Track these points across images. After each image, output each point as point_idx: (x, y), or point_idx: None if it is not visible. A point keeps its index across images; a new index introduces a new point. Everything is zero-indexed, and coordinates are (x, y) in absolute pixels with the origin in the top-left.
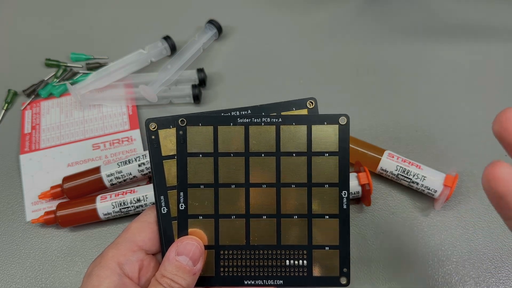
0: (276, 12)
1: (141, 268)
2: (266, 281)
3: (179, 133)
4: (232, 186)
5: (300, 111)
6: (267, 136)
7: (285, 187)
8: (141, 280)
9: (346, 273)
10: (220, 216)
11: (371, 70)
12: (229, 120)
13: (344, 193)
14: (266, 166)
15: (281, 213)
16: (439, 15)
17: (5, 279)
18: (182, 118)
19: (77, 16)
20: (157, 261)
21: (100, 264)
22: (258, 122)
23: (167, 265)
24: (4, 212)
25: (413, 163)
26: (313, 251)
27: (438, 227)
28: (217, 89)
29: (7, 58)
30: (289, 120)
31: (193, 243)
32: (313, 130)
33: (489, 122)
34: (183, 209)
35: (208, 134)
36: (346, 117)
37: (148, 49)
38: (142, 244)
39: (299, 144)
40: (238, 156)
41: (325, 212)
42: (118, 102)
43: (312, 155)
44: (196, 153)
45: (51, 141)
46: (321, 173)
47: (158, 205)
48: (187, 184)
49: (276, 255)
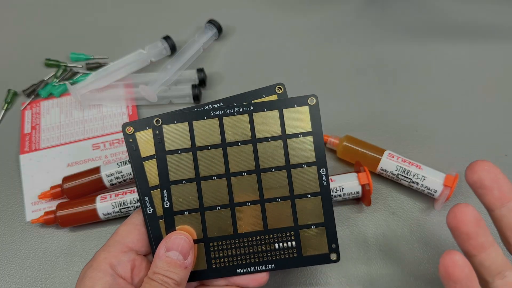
0: (276, 12)
1: (133, 268)
2: (258, 267)
3: (156, 133)
4: (213, 178)
5: (270, 97)
6: (242, 125)
7: (265, 172)
8: (134, 280)
9: (335, 249)
10: (205, 209)
11: (370, 70)
12: (203, 114)
13: (322, 171)
14: (244, 154)
15: (265, 198)
16: (439, 15)
17: (5, 279)
18: (157, 118)
19: (77, 16)
20: (148, 262)
21: (92, 267)
22: (231, 112)
23: (158, 262)
24: (4, 212)
25: (413, 163)
26: (300, 232)
27: (438, 227)
28: (217, 89)
29: (7, 58)
30: (260, 107)
31: (181, 237)
32: (284, 114)
33: (489, 122)
34: (168, 206)
35: (184, 131)
36: (315, 97)
37: (148, 49)
38: (132, 245)
39: (273, 129)
40: (216, 148)
41: (306, 192)
42: (118, 102)
43: (287, 137)
44: (175, 150)
45: (51, 141)
46: (297, 154)
47: (144, 206)
48: (169, 181)
49: (265, 240)
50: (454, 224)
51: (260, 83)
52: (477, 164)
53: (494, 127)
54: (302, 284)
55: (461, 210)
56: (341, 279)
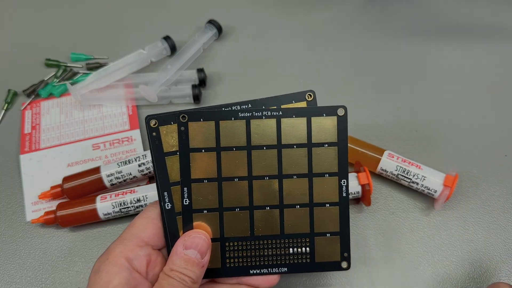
0: (276, 12)
1: (148, 262)
2: (271, 270)
3: (181, 129)
4: (235, 180)
5: (299, 103)
6: (268, 129)
7: (287, 178)
8: (149, 274)
9: (346, 257)
10: (225, 210)
11: (371, 70)
12: (230, 115)
13: (343, 182)
14: (268, 159)
15: (284, 204)
16: (439, 15)
17: (5, 279)
18: (183, 114)
19: (77, 16)
20: (163, 256)
21: (108, 260)
22: (259, 115)
23: (175, 259)
24: (4, 212)
25: (413, 163)
26: (315, 239)
27: (438, 227)
28: (217, 89)
29: (7, 58)
30: (289, 113)
31: (200, 236)
32: (312, 122)
33: (489, 122)
34: (187, 204)
35: (210, 129)
36: (344, 109)
37: (148, 49)
38: (148, 239)
39: (299, 136)
40: (241, 150)
41: (325, 201)
42: (118, 102)
43: (312, 146)
44: (199, 148)
45: (51, 141)
46: (321, 163)
47: (162, 201)
48: (190, 179)
49: (280, 244)
50: None
51: (260, 82)
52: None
53: (494, 127)
54: (303, 283)
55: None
56: (341, 279)
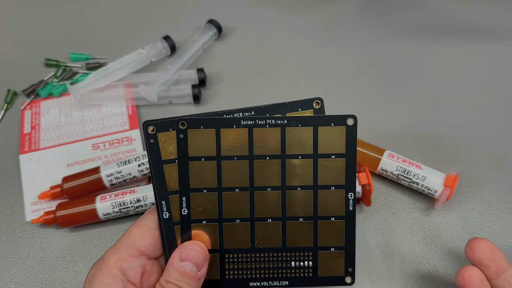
0: (276, 12)
1: (143, 273)
2: (271, 283)
3: (180, 136)
4: (236, 190)
5: (305, 111)
6: (272, 139)
7: (290, 190)
8: (143, 284)
9: (351, 272)
10: (224, 220)
11: (371, 70)
12: (232, 123)
13: (350, 195)
14: (271, 169)
15: (287, 216)
16: (439, 14)
17: (5, 279)
18: (183, 120)
19: (77, 16)
20: (159, 265)
21: (102, 270)
22: (262, 124)
23: (171, 271)
24: (4, 212)
25: (413, 163)
26: (318, 252)
27: (439, 227)
28: (217, 89)
29: (7, 58)
30: (294, 121)
31: (197, 248)
32: (319, 132)
33: (489, 122)
34: (185, 214)
35: (210, 137)
36: (353, 118)
37: (148, 49)
38: (143, 249)
39: (305, 146)
40: (242, 160)
41: (331, 214)
42: (118, 102)
43: (319, 157)
44: (198, 157)
45: (50, 141)
46: (327, 175)
47: (160, 210)
48: (189, 188)
49: (282, 257)
50: (462, 285)
51: (260, 82)
52: (476, 244)
53: (494, 127)
54: None
55: (468, 273)
56: None
